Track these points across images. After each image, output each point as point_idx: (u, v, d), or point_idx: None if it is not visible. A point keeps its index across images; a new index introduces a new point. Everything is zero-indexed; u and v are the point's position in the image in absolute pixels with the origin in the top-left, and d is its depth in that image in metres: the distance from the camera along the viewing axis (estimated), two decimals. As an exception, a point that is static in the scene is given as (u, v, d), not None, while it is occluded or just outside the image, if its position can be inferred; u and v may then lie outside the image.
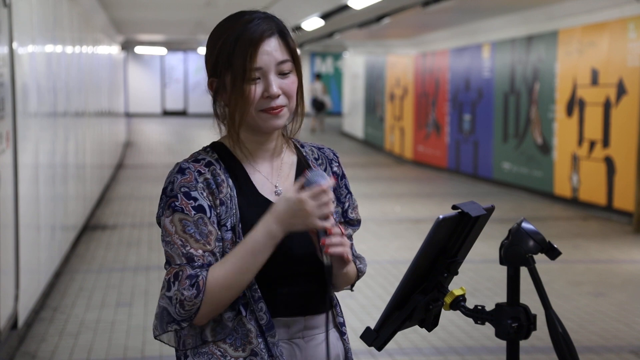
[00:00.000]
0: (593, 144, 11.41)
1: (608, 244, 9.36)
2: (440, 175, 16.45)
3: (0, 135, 5.21)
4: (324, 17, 14.36)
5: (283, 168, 2.15)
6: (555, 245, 1.92)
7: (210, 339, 2.03)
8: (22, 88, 5.90)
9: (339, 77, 31.65)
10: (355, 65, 24.54)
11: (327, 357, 2.08)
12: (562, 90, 12.23)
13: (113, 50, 18.11)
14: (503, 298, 1.96)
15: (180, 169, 2.04)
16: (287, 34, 2.10)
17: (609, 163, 11.02)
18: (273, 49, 2.06)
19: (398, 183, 15.47)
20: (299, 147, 2.23)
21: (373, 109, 22.25)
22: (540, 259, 1.94)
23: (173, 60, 33.84)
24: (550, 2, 11.86)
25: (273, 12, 2.14)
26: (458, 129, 16.16)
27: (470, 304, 1.96)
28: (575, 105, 11.86)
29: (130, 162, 18.10)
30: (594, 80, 11.37)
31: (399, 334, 2.08)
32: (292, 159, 2.19)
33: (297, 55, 2.12)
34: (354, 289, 2.31)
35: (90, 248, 9.03)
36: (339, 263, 2.07)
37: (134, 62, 32.82)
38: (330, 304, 2.19)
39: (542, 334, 2.27)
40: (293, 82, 2.09)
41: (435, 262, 1.98)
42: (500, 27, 14.04)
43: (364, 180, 15.09)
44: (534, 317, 1.93)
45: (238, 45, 2.04)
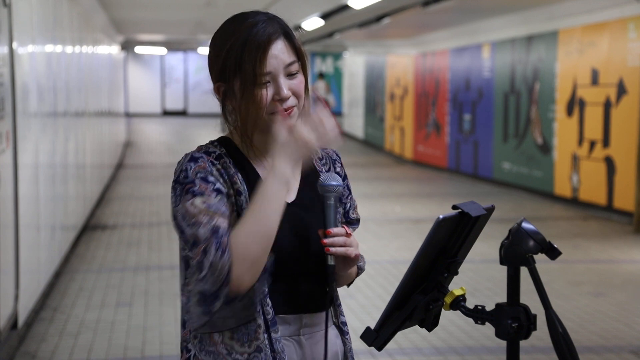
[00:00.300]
0: (593, 144, 11.41)
1: (608, 244, 9.36)
2: (440, 175, 16.45)
3: (0, 135, 5.21)
4: (324, 17, 14.36)
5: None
6: (556, 245, 1.92)
7: (216, 340, 2.04)
8: (22, 88, 5.90)
9: (339, 77, 31.66)
10: (355, 65, 24.54)
11: (324, 355, 2.08)
12: (562, 90, 12.23)
13: (113, 50, 18.11)
14: (503, 298, 1.96)
15: (193, 158, 2.04)
16: (291, 35, 2.11)
17: (609, 163, 11.02)
18: (280, 52, 2.07)
19: (398, 183, 15.47)
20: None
21: (373, 109, 22.25)
22: (540, 259, 1.94)
23: (173, 60, 33.84)
24: (551, 2, 11.86)
25: (273, 12, 2.14)
26: (458, 129, 16.15)
27: (470, 304, 1.96)
28: (576, 105, 11.86)
29: (130, 162, 18.10)
30: (594, 80, 11.37)
31: (399, 334, 2.08)
32: None
33: (302, 55, 2.13)
34: (352, 287, 2.32)
35: (90, 248, 9.03)
36: (345, 263, 2.08)
37: (134, 62, 32.81)
38: (332, 303, 2.20)
39: (542, 334, 2.27)
40: (301, 81, 2.10)
41: (435, 262, 1.98)
42: (501, 27, 14.04)
43: (364, 180, 15.08)
44: (534, 317, 1.93)
45: (246, 51, 2.04)
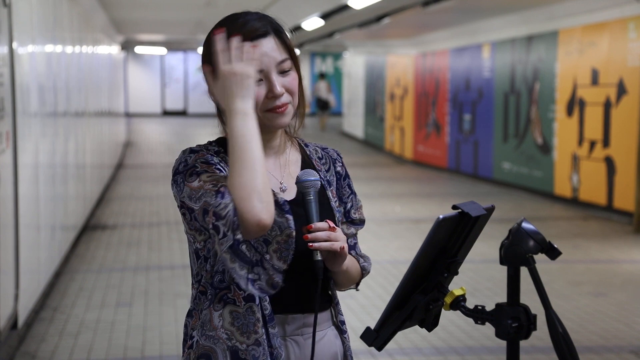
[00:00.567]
0: (593, 144, 11.41)
1: (608, 244, 9.36)
2: (441, 175, 16.45)
3: (0, 135, 5.21)
4: (324, 17, 14.35)
5: (287, 165, 2.17)
6: (556, 245, 1.92)
7: (219, 325, 2.04)
8: (22, 88, 5.90)
9: (339, 77, 31.66)
10: (355, 65, 24.54)
11: (311, 355, 2.07)
12: (562, 90, 12.23)
13: (113, 50, 18.11)
14: (503, 298, 1.96)
15: (192, 150, 2.05)
16: (282, 33, 2.12)
17: (609, 163, 11.02)
18: (270, 50, 2.08)
19: (398, 183, 15.47)
20: (303, 146, 2.25)
21: (373, 109, 22.25)
22: (541, 259, 1.94)
23: (173, 60, 33.84)
24: (551, 2, 11.85)
25: (273, 12, 2.15)
26: (458, 129, 16.15)
27: (470, 304, 1.96)
28: (576, 105, 11.86)
29: (130, 162, 18.10)
30: (594, 80, 11.37)
31: (399, 334, 2.08)
32: (296, 157, 2.22)
33: (294, 53, 2.14)
34: (359, 288, 2.32)
35: (90, 248, 9.03)
36: (334, 259, 2.08)
37: (134, 62, 32.82)
38: (330, 302, 2.20)
39: (542, 334, 2.27)
40: (294, 78, 2.11)
41: (435, 262, 1.97)
42: (501, 27, 14.03)
43: (364, 180, 15.08)
44: (534, 317, 1.93)
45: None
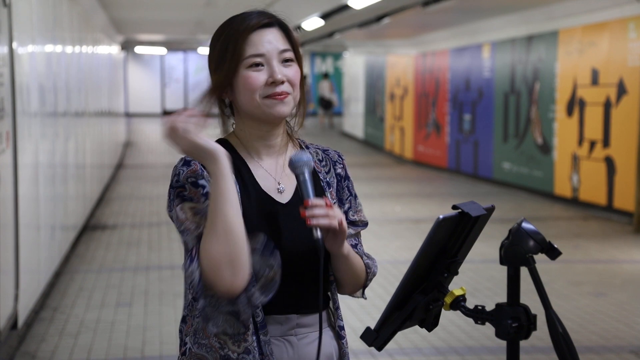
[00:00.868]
0: (593, 144, 11.40)
1: (608, 244, 9.36)
2: (441, 175, 16.45)
3: (0, 135, 5.21)
4: (324, 17, 14.35)
5: (286, 166, 2.15)
6: (556, 245, 1.92)
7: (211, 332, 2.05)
8: (22, 88, 5.90)
9: (339, 77, 31.67)
10: (355, 65, 24.53)
11: (317, 353, 2.06)
12: (562, 90, 12.23)
13: (113, 50, 18.11)
14: (503, 298, 1.96)
15: (186, 162, 2.05)
16: (286, 27, 2.14)
17: (609, 163, 11.02)
18: (274, 38, 2.10)
19: (398, 183, 15.46)
20: (304, 147, 2.23)
21: (373, 109, 22.25)
22: (541, 259, 1.94)
23: (173, 60, 33.83)
24: (551, 2, 11.85)
25: (273, 12, 2.16)
26: (458, 129, 16.15)
27: (471, 304, 1.96)
28: (576, 105, 11.86)
29: (130, 162, 18.10)
30: (594, 80, 11.37)
31: (399, 334, 2.07)
32: None
33: (298, 49, 2.14)
34: (366, 296, 2.27)
35: (90, 248, 9.03)
36: (334, 238, 2.05)
37: (134, 62, 32.81)
38: (328, 303, 2.18)
39: (542, 334, 2.27)
40: (297, 71, 2.12)
41: (436, 262, 1.97)
42: (501, 27, 14.03)
43: (364, 180, 15.08)
44: (534, 317, 1.93)
45: (236, 34, 2.07)
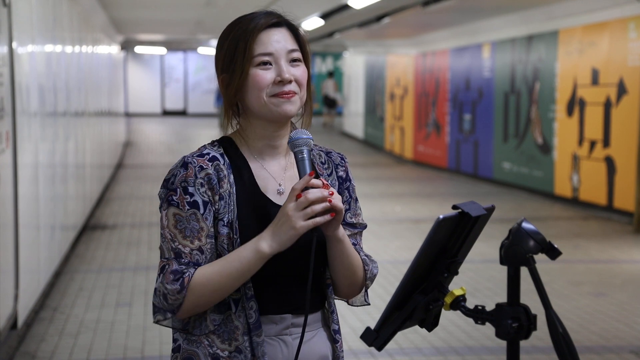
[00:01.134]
0: (593, 144, 11.40)
1: (608, 244, 9.36)
2: (441, 175, 16.45)
3: (0, 135, 5.21)
4: (324, 16, 14.35)
5: (290, 167, 2.15)
6: (556, 245, 1.91)
7: (197, 333, 2.07)
8: (21, 88, 5.90)
9: (339, 77, 31.70)
10: (355, 65, 24.54)
11: (298, 346, 2.06)
12: (562, 90, 12.23)
13: (113, 50, 18.11)
14: (503, 298, 1.96)
15: (184, 164, 2.06)
16: (295, 28, 2.15)
17: (610, 163, 11.02)
18: (283, 38, 2.10)
19: (398, 183, 15.46)
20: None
21: (373, 109, 22.25)
22: (541, 259, 1.93)
23: (173, 60, 33.83)
24: (551, 1, 11.85)
25: (282, 12, 2.17)
26: (458, 129, 16.15)
27: (471, 304, 1.96)
28: (576, 105, 11.86)
29: (130, 162, 18.10)
30: (595, 80, 11.37)
31: (399, 334, 2.07)
32: None
33: (306, 50, 2.15)
34: (370, 302, 2.26)
35: (90, 248, 9.03)
36: (330, 225, 2.04)
37: (134, 61, 32.82)
38: (323, 303, 2.18)
39: (542, 334, 2.27)
40: (304, 71, 2.12)
41: (436, 262, 1.97)
42: (501, 27, 14.03)
43: (364, 180, 15.08)
44: (534, 317, 1.92)
45: (246, 34, 2.08)
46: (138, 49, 31.35)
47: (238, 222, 2.05)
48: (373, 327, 1.97)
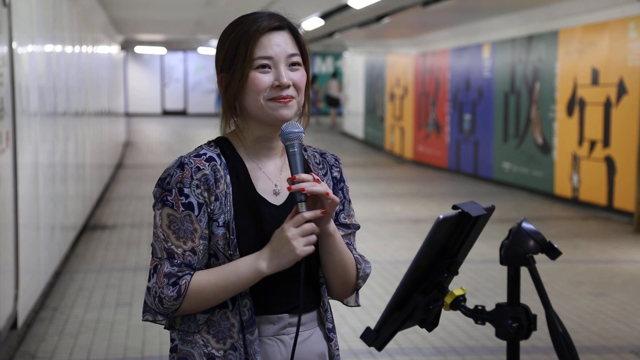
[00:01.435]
0: (593, 144, 11.40)
1: (608, 244, 9.36)
2: (441, 175, 16.45)
3: (0, 135, 5.21)
4: (324, 16, 14.35)
5: (286, 168, 2.16)
6: (556, 245, 1.91)
7: (193, 330, 2.08)
8: (21, 88, 5.89)
9: (339, 77, 31.72)
10: (355, 65, 24.53)
11: (293, 345, 2.06)
12: (562, 90, 12.23)
13: (113, 50, 18.11)
14: (503, 298, 1.96)
15: (181, 164, 2.07)
16: (296, 31, 2.14)
17: (610, 163, 11.02)
18: (284, 42, 2.10)
19: (398, 183, 15.46)
20: (302, 150, 2.22)
21: (373, 109, 22.25)
22: (541, 259, 1.93)
23: (173, 60, 33.83)
24: (551, 1, 11.85)
25: (277, 9, 2.16)
26: (458, 129, 16.15)
27: (471, 304, 1.96)
28: (576, 105, 11.86)
29: (130, 162, 18.10)
30: (595, 80, 11.37)
31: (399, 334, 2.07)
32: None
33: (306, 53, 2.15)
34: (360, 303, 2.27)
35: (90, 248, 9.02)
36: (321, 218, 2.04)
37: (134, 61, 32.81)
38: (318, 303, 2.17)
39: (542, 334, 2.27)
40: (303, 75, 2.12)
41: (436, 262, 1.97)
42: (501, 27, 14.03)
43: (364, 180, 15.08)
44: (534, 317, 1.92)
45: (247, 35, 2.08)
46: (138, 49, 31.34)
47: (235, 222, 2.05)
48: (373, 327, 1.97)
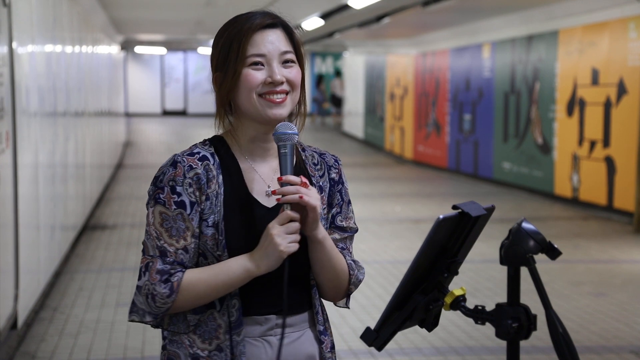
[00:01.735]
0: (593, 144, 11.40)
1: (608, 244, 9.36)
2: (441, 175, 16.45)
3: (0, 135, 5.21)
4: (324, 16, 14.35)
5: (279, 169, 2.13)
6: (556, 245, 1.91)
7: (182, 331, 2.08)
8: (21, 88, 5.89)
9: (334, 77, 31.76)
10: (355, 65, 24.53)
11: (279, 345, 2.06)
12: (562, 90, 12.23)
13: (113, 50, 18.11)
14: (503, 298, 1.96)
15: (174, 162, 2.07)
16: (290, 29, 2.14)
17: (610, 163, 11.02)
18: (277, 39, 2.10)
19: (398, 183, 15.46)
20: (300, 150, 2.21)
21: (373, 109, 22.25)
22: (541, 259, 1.93)
23: (173, 60, 33.81)
24: (551, 1, 11.85)
25: (273, 11, 2.16)
26: (458, 129, 16.15)
27: (471, 304, 1.96)
28: (576, 105, 11.86)
29: (130, 162, 18.10)
30: (595, 80, 11.37)
31: (399, 334, 2.07)
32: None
33: (300, 51, 2.15)
34: (350, 306, 2.26)
35: (90, 248, 9.03)
36: (306, 221, 2.03)
37: (134, 61, 32.80)
38: (310, 304, 2.17)
39: (542, 334, 2.26)
40: (297, 72, 2.12)
41: (436, 262, 1.97)
42: (501, 26, 14.03)
43: (364, 180, 15.08)
44: (534, 317, 1.92)
45: (242, 34, 2.08)
46: (138, 49, 31.34)
47: (224, 223, 2.05)
48: (373, 327, 1.97)
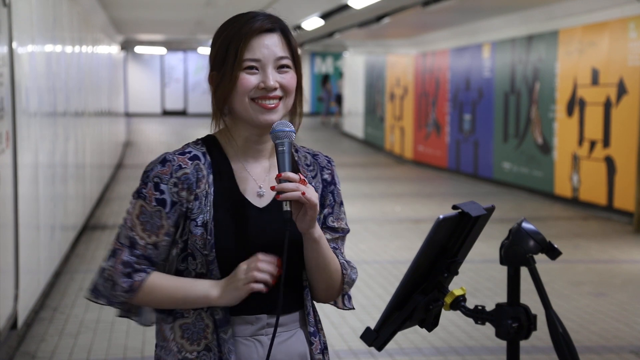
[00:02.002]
0: (593, 144, 11.40)
1: (608, 244, 9.36)
2: (441, 175, 16.45)
3: (0, 135, 5.21)
4: (324, 16, 14.35)
5: (273, 170, 2.13)
6: (556, 245, 1.91)
7: (168, 337, 2.10)
8: (21, 88, 5.89)
9: (339, 77, 31.76)
10: (355, 65, 24.53)
11: (270, 343, 2.05)
12: (562, 90, 12.23)
13: (113, 50, 18.11)
14: (503, 298, 1.96)
15: (163, 160, 2.09)
16: (289, 33, 2.14)
17: (610, 163, 11.02)
18: (273, 44, 2.10)
19: (398, 183, 15.46)
20: (293, 151, 2.20)
21: (373, 109, 22.25)
22: (541, 259, 1.93)
23: (173, 60, 33.82)
24: (551, 1, 11.85)
25: (273, 12, 2.17)
26: (458, 129, 16.15)
27: (471, 304, 1.96)
28: (576, 105, 11.86)
29: (130, 162, 18.10)
30: (595, 80, 11.37)
31: (399, 334, 2.07)
32: None
33: (297, 56, 2.14)
34: (353, 288, 2.26)
35: (90, 248, 9.03)
36: (304, 216, 2.02)
37: (134, 61, 32.80)
38: (302, 304, 2.16)
39: (542, 334, 2.26)
40: (292, 78, 2.11)
41: (436, 262, 1.97)
42: (501, 26, 14.03)
43: (364, 180, 15.08)
44: (534, 317, 1.92)
45: (239, 36, 2.08)
46: (138, 49, 31.34)
47: (213, 223, 2.05)
48: (373, 327, 1.97)
